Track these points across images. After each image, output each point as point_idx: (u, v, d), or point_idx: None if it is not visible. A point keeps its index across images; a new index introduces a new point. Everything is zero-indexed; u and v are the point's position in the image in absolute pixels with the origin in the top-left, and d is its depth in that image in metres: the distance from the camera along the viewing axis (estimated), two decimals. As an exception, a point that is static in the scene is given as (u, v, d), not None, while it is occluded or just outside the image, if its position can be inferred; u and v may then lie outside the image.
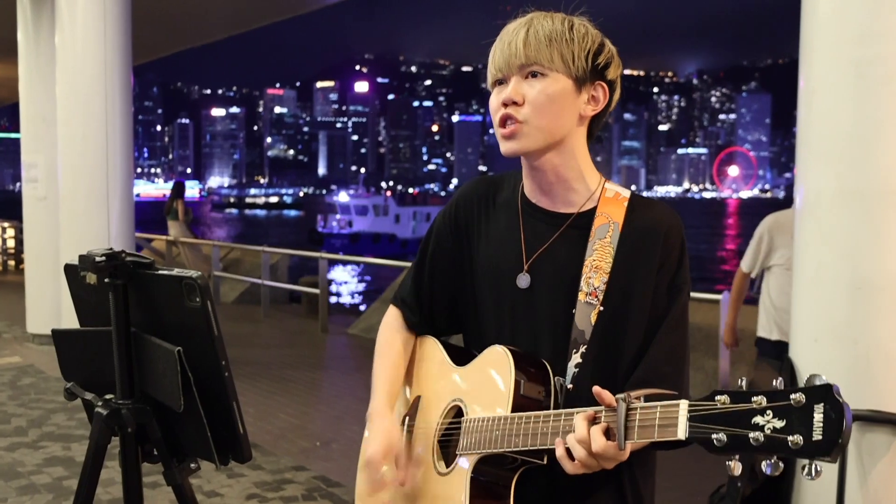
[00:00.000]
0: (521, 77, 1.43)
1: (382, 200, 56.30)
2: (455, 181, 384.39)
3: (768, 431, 1.03)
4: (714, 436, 1.07)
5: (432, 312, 1.64)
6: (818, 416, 1.00)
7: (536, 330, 1.47)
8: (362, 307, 18.72)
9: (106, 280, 1.39)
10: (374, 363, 1.63)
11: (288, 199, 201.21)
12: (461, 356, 1.56)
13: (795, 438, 1.01)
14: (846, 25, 2.41)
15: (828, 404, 1.00)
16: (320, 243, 45.60)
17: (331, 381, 7.16)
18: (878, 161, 2.30)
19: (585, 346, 1.42)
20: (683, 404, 1.13)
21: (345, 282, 34.77)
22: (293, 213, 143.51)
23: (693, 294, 6.44)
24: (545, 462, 1.38)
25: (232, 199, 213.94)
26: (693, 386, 2.08)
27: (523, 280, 1.48)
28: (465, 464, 1.42)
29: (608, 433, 1.22)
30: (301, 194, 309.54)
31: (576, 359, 1.42)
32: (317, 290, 9.83)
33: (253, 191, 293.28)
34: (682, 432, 1.11)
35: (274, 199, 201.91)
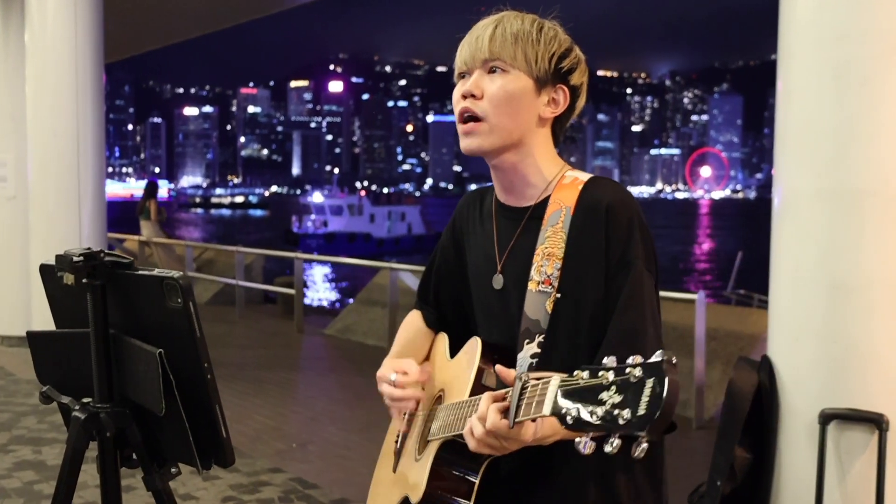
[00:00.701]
0: (483, 71, 1.46)
1: (357, 200, 56.34)
2: (430, 181, 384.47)
3: (608, 406, 0.98)
4: (564, 409, 1.03)
5: (442, 313, 1.71)
6: (646, 391, 0.95)
7: (513, 329, 1.48)
8: (338, 307, 18.65)
9: (84, 280, 1.35)
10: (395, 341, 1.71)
11: (254, 199, 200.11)
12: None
13: (624, 412, 0.96)
14: (824, 27, 2.43)
15: (657, 379, 0.95)
16: (296, 244, 45.50)
17: (307, 383, 7.11)
18: (856, 161, 2.33)
19: (543, 336, 1.41)
20: (556, 378, 1.09)
21: (321, 282, 34.62)
22: (259, 212, 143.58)
23: (668, 293, 6.50)
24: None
25: (197, 199, 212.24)
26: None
27: (497, 281, 1.51)
28: (431, 449, 1.45)
29: (507, 412, 1.20)
30: (266, 194, 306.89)
31: (532, 349, 1.41)
32: (292, 291, 9.76)
33: (219, 190, 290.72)
34: (548, 408, 1.07)
35: (240, 199, 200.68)
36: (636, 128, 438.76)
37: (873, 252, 2.29)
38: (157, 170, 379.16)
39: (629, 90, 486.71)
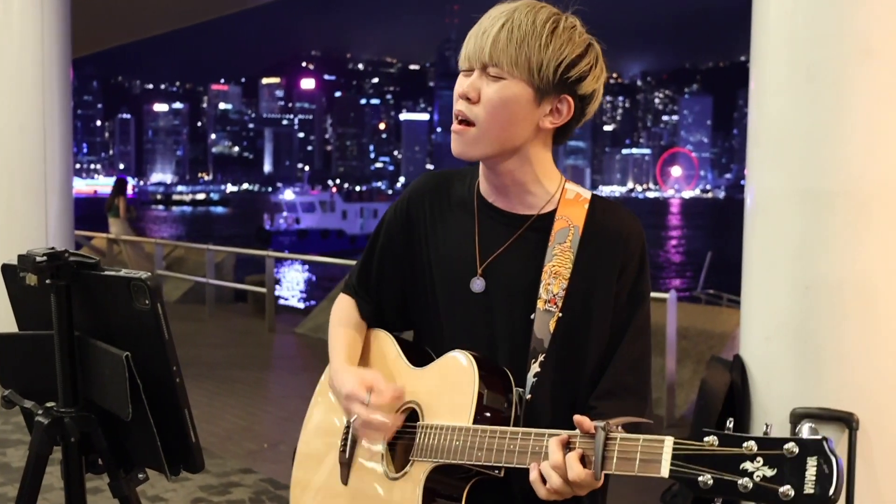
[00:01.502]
0: (482, 73, 1.37)
1: (329, 197, 56.34)
2: (402, 179, 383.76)
3: (758, 479, 1.02)
4: (700, 478, 1.06)
5: (381, 306, 1.57)
6: (811, 470, 1.00)
7: (493, 337, 1.43)
8: (311, 305, 18.53)
9: (48, 281, 1.31)
10: (330, 338, 1.56)
11: (216, 196, 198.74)
12: (416, 355, 1.51)
13: (786, 490, 1.00)
14: (796, 28, 2.44)
15: (821, 458, 1.00)
16: (268, 241, 45.27)
17: (278, 382, 7.05)
18: (828, 162, 2.34)
19: (544, 355, 1.38)
20: (668, 441, 1.10)
21: (293, 280, 34.39)
22: (220, 209, 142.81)
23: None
24: (501, 475, 1.34)
25: (159, 196, 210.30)
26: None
27: (477, 284, 1.43)
28: (418, 470, 1.37)
29: (584, 460, 1.18)
30: (228, 191, 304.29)
31: (534, 368, 1.38)
32: (263, 289, 9.68)
33: (181, 188, 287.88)
34: (665, 470, 1.09)
35: (201, 196, 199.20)
36: (608, 127, 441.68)
37: (845, 252, 2.31)
38: (122, 166, 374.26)
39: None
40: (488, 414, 1.33)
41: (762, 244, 2.53)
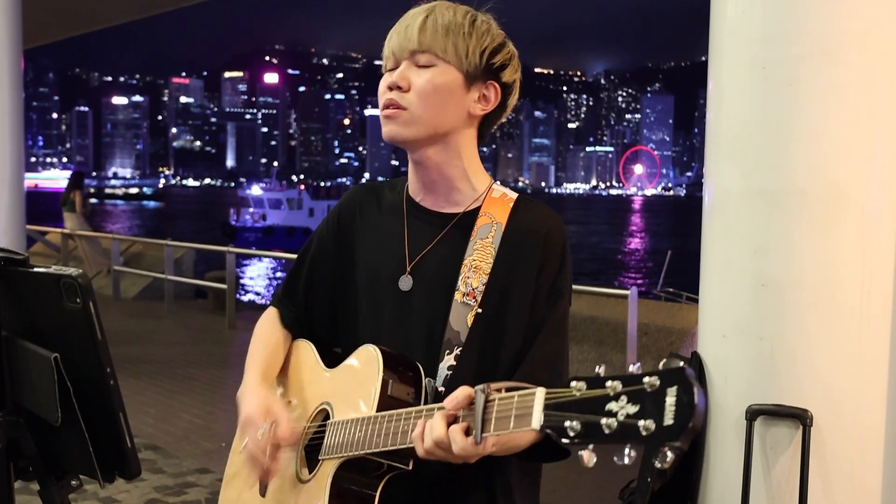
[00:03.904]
0: (411, 63, 1.40)
1: (296, 194, 56.06)
2: (367, 175, 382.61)
3: (621, 418, 0.96)
4: (566, 423, 1.00)
5: (310, 317, 1.57)
6: (670, 400, 0.93)
7: (411, 331, 1.42)
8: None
9: (-27, 279, 1.24)
10: (248, 353, 1.55)
11: (148, 191, 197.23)
12: (335, 360, 1.49)
13: (647, 423, 0.94)
14: (752, 28, 2.45)
15: (680, 387, 0.93)
16: (233, 237, 44.85)
17: (237, 380, 6.86)
18: (783, 161, 2.35)
19: (460, 349, 1.37)
20: (540, 392, 1.06)
21: (257, 277, 34.06)
22: (152, 203, 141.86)
23: (602, 289, 6.56)
24: (410, 468, 1.32)
25: (91, 190, 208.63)
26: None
27: (405, 282, 1.43)
28: (326, 469, 1.35)
29: (469, 431, 1.16)
30: (160, 185, 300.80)
31: (449, 360, 1.37)
32: (224, 286, 9.54)
33: (113, 181, 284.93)
34: (536, 421, 1.04)
35: (134, 191, 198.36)
36: (572, 125, 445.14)
37: (801, 250, 2.32)
38: (79, 159, 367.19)
39: (565, 88, 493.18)
40: (394, 404, 1.31)
41: (719, 242, 2.53)
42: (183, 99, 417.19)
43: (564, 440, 1.01)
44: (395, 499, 1.35)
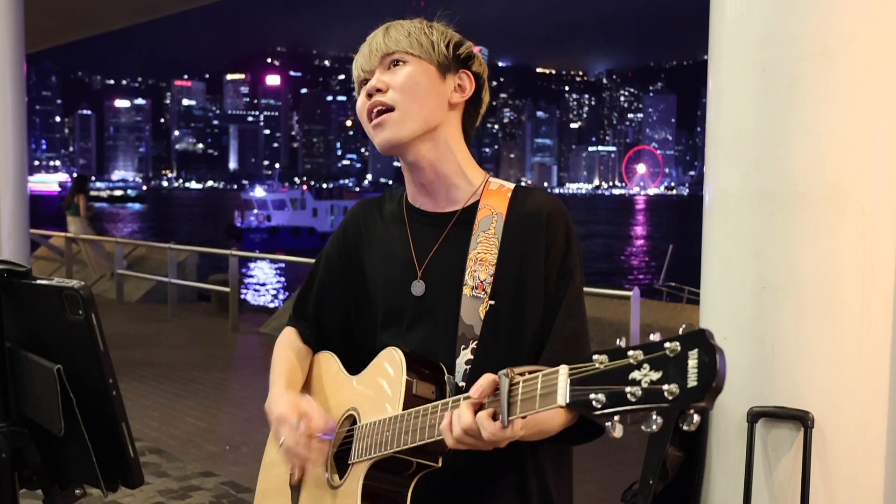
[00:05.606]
0: (383, 68, 1.45)
1: (300, 195, 56.24)
2: (370, 176, 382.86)
3: (646, 385, 0.97)
4: (591, 395, 1.01)
5: (323, 331, 1.61)
6: (692, 363, 0.94)
7: (429, 333, 1.44)
8: (278, 305, 18.36)
9: (-24, 290, 1.25)
10: (272, 366, 1.58)
11: (132, 193, 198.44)
12: (357, 367, 1.51)
13: (671, 387, 0.95)
14: (752, 29, 2.45)
15: (701, 349, 0.94)
16: (239, 238, 45.00)
17: (241, 383, 6.96)
18: (783, 162, 2.35)
19: (476, 342, 1.38)
20: (563, 369, 1.07)
21: (260, 279, 34.06)
22: (137, 206, 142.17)
23: (604, 290, 6.56)
24: (440, 465, 1.33)
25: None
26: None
27: (418, 287, 1.45)
28: (357, 472, 1.36)
29: (496, 416, 1.17)
30: (144, 188, 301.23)
31: (466, 355, 1.38)
32: (227, 289, 9.55)
33: (99, 184, 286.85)
34: (562, 398, 1.05)
35: (118, 193, 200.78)
36: (574, 125, 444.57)
37: (802, 252, 2.32)
38: (82, 162, 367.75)
39: (567, 88, 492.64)
40: (418, 403, 1.33)
41: (720, 244, 2.53)
42: (185, 101, 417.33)
43: (592, 413, 1.02)
44: (428, 497, 1.36)
